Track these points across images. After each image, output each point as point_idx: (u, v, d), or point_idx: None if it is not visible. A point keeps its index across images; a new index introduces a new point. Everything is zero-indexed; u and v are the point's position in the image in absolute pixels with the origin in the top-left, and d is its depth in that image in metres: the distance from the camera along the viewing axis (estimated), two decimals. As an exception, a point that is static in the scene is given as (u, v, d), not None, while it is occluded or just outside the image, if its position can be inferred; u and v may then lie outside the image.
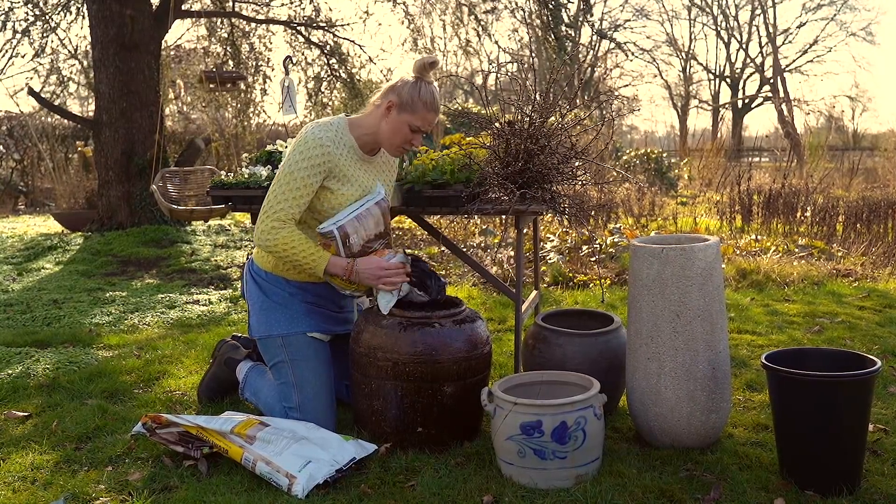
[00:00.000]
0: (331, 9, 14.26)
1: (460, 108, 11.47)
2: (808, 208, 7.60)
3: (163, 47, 8.48)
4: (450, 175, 2.90)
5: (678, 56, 31.35)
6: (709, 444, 2.46)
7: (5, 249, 7.11)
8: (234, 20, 9.79)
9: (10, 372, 3.31)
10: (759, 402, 2.90)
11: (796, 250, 6.18)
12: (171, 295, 5.05)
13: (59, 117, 12.10)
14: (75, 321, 4.33)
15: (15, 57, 9.96)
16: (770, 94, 27.20)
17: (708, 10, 30.85)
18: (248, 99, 10.73)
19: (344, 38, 10.10)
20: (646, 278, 2.40)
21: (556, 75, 3.15)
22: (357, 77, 10.30)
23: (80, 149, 11.55)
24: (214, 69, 9.01)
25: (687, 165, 14.00)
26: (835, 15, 31.04)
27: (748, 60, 30.37)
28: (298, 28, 9.84)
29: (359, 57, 10.42)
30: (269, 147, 3.52)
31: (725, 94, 31.20)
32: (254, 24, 10.11)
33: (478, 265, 3.23)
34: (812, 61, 31.39)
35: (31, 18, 9.54)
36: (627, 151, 13.13)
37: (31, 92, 8.24)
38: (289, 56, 5.62)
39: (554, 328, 2.79)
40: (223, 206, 3.27)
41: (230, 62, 10.04)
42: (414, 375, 2.41)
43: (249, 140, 11.48)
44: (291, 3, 9.82)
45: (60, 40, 10.22)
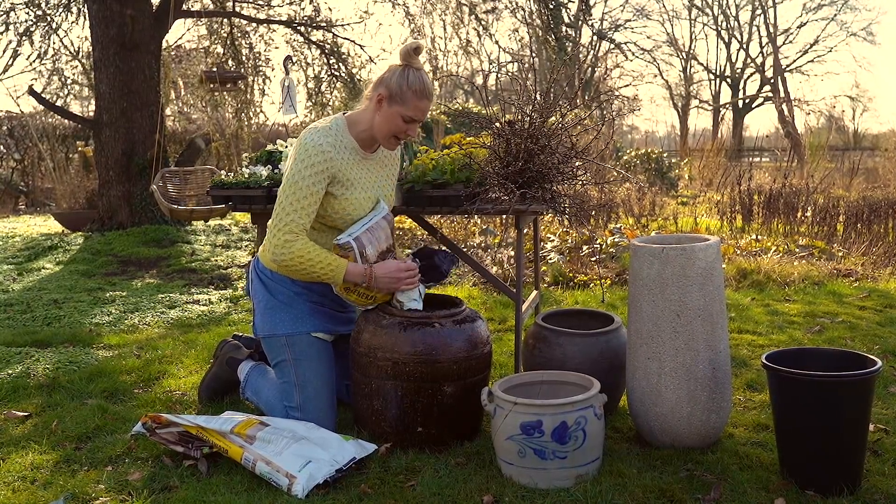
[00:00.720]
0: (330, 9, 14.27)
1: (461, 108, 11.47)
2: (809, 208, 7.59)
3: (163, 47, 8.48)
4: (450, 175, 2.90)
5: (678, 56, 31.36)
6: (709, 444, 2.45)
7: (6, 249, 7.11)
8: (234, 20, 9.79)
9: (10, 372, 3.31)
10: (760, 402, 2.89)
11: (797, 250, 6.18)
12: (171, 295, 5.05)
13: (59, 117, 12.11)
14: (75, 321, 4.33)
15: (16, 57, 9.94)
16: (770, 94, 27.21)
17: (708, 10, 30.86)
18: (248, 99, 10.73)
19: (344, 38, 10.11)
20: (646, 278, 2.40)
21: (557, 75, 3.15)
22: (357, 77, 10.30)
23: (80, 149, 11.56)
24: (215, 69, 9.01)
25: (687, 165, 13.99)
26: (835, 15, 31.04)
27: (749, 60, 30.37)
28: (298, 28, 9.84)
29: (359, 57, 10.44)
30: (270, 147, 3.52)
31: (726, 94, 31.22)
32: (254, 24, 10.12)
33: (478, 265, 3.23)
34: (812, 61, 31.36)
35: (32, 19, 9.55)
36: (628, 151, 13.13)
37: (32, 92, 8.24)
38: (289, 56, 5.63)
39: (554, 328, 2.79)
40: (223, 205, 3.27)
41: (230, 62, 10.04)
42: (414, 375, 2.41)
43: (248, 140, 11.48)
44: (291, 2, 9.83)
45: (61, 40, 10.24)
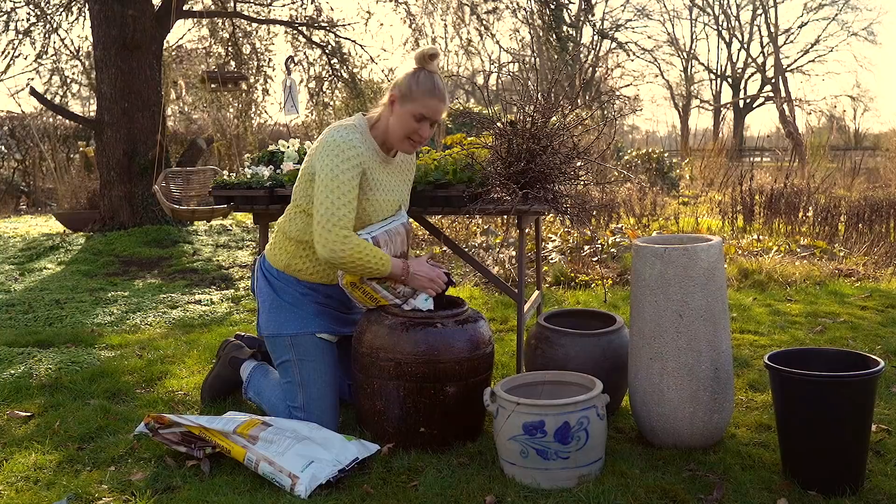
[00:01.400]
0: (332, 9, 14.28)
1: (462, 108, 11.47)
2: (810, 208, 7.59)
3: (164, 47, 8.49)
4: (452, 175, 2.91)
5: (679, 56, 31.35)
6: (711, 444, 2.45)
7: (7, 249, 7.12)
8: (235, 20, 9.80)
9: (12, 372, 3.32)
10: (762, 402, 2.89)
11: (798, 250, 6.18)
12: (172, 295, 5.06)
13: (60, 117, 12.11)
14: (77, 321, 4.34)
15: (17, 57, 9.94)
16: (771, 94, 27.20)
17: (709, 9, 30.84)
18: (250, 99, 10.74)
19: (345, 38, 10.12)
20: (648, 278, 2.40)
21: (558, 75, 3.15)
22: (358, 77, 10.31)
23: (81, 149, 11.56)
24: (216, 69, 9.02)
25: (688, 165, 13.99)
26: (836, 15, 30.99)
27: (749, 60, 30.35)
28: (300, 28, 9.85)
29: (360, 57, 10.47)
30: (272, 147, 3.52)
31: (727, 94, 31.21)
32: (255, 25, 10.12)
33: (480, 265, 3.23)
34: (813, 61, 31.42)
35: (32, 19, 9.55)
36: (629, 151, 13.13)
37: (33, 92, 8.24)
38: (291, 56, 5.63)
39: (556, 328, 2.79)
40: (225, 206, 3.27)
41: (232, 62, 10.05)
42: (416, 375, 2.41)
43: (251, 140, 11.48)
44: (293, 3, 9.84)
45: (62, 40, 10.24)
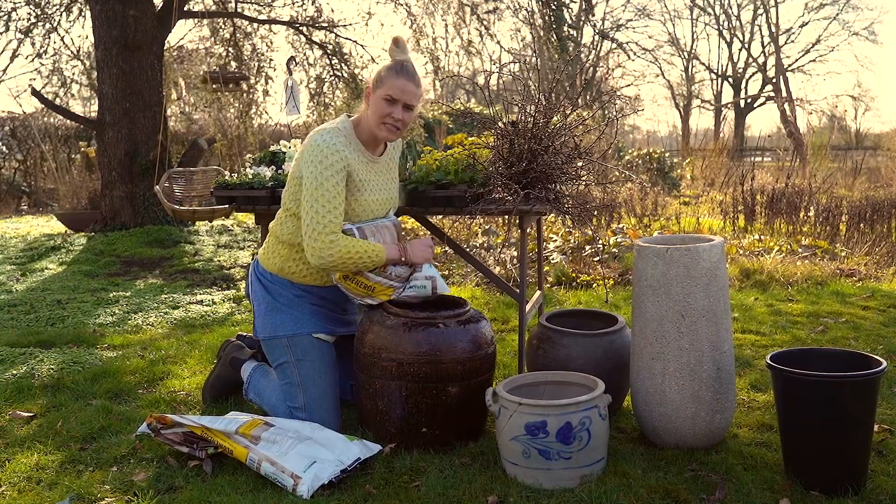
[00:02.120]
0: (332, 9, 14.28)
1: (463, 109, 11.47)
2: (812, 208, 7.59)
3: (165, 48, 8.49)
4: (453, 175, 2.91)
5: (680, 56, 31.32)
6: (713, 444, 2.45)
7: (8, 250, 7.12)
8: (236, 20, 9.79)
9: (14, 372, 3.32)
10: (764, 403, 2.89)
11: (800, 250, 6.17)
12: (174, 295, 5.06)
13: (61, 118, 12.11)
14: (79, 321, 4.34)
15: (17, 57, 9.94)
16: (772, 94, 27.17)
17: (710, 9, 30.82)
18: (251, 99, 10.74)
19: (346, 39, 10.11)
20: (650, 278, 2.40)
21: (559, 75, 3.16)
22: (359, 77, 10.30)
23: (83, 149, 11.56)
24: (217, 69, 9.02)
25: (689, 165, 13.98)
26: (837, 14, 30.92)
27: (750, 60, 30.31)
28: (300, 28, 9.85)
29: (361, 57, 10.41)
30: (273, 147, 3.52)
31: (728, 94, 31.17)
32: (256, 25, 10.12)
33: (481, 265, 3.23)
34: (815, 61, 31.39)
35: (32, 19, 9.55)
36: (630, 151, 13.13)
37: (34, 92, 8.24)
38: (292, 56, 5.63)
39: (558, 328, 2.79)
40: (227, 206, 3.27)
41: (232, 62, 10.05)
42: (418, 376, 2.41)
43: (252, 140, 11.47)
44: (294, 3, 9.83)
45: (62, 40, 10.23)
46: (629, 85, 28.12)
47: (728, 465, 2.32)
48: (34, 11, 9.46)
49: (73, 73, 10.68)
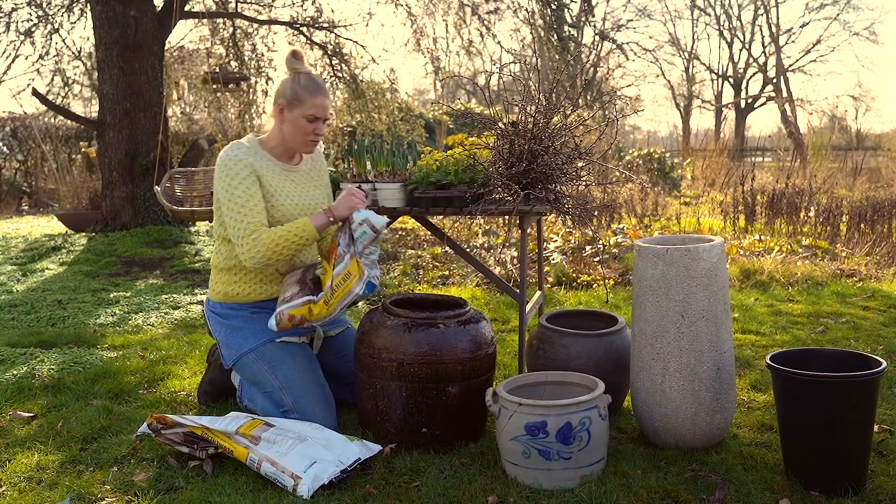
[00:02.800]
0: (333, 10, 14.27)
1: (463, 109, 11.47)
2: (812, 208, 7.59)
3: (166, 48, 8.49)
4: (453, 175, 2.91)
5: (681, 56, 31.34)
6: (713, 444, 2.46)
7: (9, 250, 7.13)
8: (236, 21, 9.80)
9: (15, 372, 3.32)
10: (764, 403, 2.89)
11: (800, 250, 6.17)
12: (174, 295, 5.06)
13: (62, 118, 12.12)
14: (80, 322, 4.34)
15: (18, 58, 9.94)
16: (773, 94, 27.19)
17: (710, 9, 30.83)
18: (251, 99, 10.73)
19: (346, 39, 10.11)
20: (650, 279, 2.40)
21: (560, 76, 3.16)
22: (360, 78, 10.30)
23: (83, 149, 11.56)
24: (217, 70, 9.01)
25: (690, 165, 13.98)
26: (838, 14, 30.94)
27: (751, 60, 30.32)
28: (301, 28, 9.85)
29: (361, 57, 10.41)
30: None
31: (728, 94, 31.19)
32: (256, 25, 10.12)
33: (481, 266, 3.23)
34: (815, 61, 31.38)
35: (33, 20, 9.55)
36: (630, 151, 13.13)
37: (35, 93, 8.25)
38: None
39: (558, 328, 2.79)
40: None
41: (233, 63, 10.05)
42: (418, 376, 2.41)
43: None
44: (294, 3, 9.84)
45: (63, 40, 10.22)
46: (630, 85, 28.17)
47: (728, 466, 2.32)
48: (35, 12, 9.47)
49: (74, 74, 10.70)
